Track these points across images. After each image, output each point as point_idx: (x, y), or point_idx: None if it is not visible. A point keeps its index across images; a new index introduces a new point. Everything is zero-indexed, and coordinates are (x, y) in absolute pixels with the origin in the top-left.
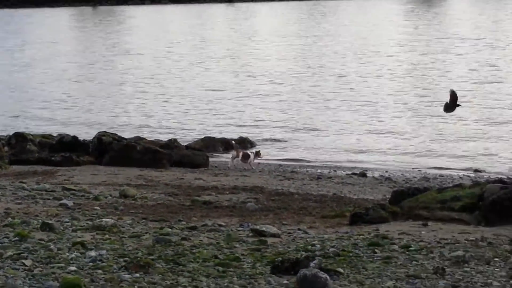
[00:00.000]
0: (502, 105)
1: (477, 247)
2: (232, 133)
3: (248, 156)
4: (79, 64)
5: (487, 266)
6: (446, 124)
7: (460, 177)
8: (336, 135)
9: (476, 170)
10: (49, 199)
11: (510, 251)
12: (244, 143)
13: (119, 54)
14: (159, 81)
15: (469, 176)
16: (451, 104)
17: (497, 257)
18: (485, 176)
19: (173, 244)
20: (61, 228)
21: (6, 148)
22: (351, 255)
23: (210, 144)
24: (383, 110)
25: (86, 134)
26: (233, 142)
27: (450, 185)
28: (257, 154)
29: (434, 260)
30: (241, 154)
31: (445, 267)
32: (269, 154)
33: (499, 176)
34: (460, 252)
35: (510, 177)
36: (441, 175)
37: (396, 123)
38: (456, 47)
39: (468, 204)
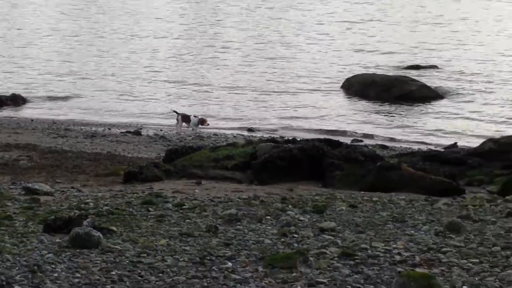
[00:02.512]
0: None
1: (249, 205)
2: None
3: (189, 119)
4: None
5: (259, 224)
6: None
7: (234, 136)
8: (111, 99)
9: (249, 129)
10: None
11: (281, 209)
12: (16, 99)
13: None
14: None
15: (242, 135)
16: None
17: (269, 215)
18: (257, 135)
19: None
20: None
21: None
22: (124, 213)
23: None
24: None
25: None
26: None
27: (224, 144)
28: (203, 121)
29: (208, 218)
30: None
31: (218, 225)
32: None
33: (271, 135)
34: (233, 210)
35: (282, 136)
36: (215, 134)
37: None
38: None
39: (241, 163)
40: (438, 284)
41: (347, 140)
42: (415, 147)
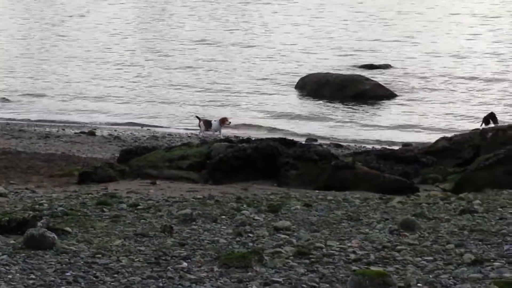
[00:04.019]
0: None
1: (204, 205)
2: None
3: (210, 124)
4: None
5: (214, 223)
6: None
7: (189, 136)
8: (66, 97)
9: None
10: None
11: (236, 209)
12: None
13: None
14: None
15: (196, 135)
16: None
17: (224, 215)
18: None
19: None
20: None
21: None
22: (79, 214)
23: None
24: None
25: None
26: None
27: (179, 143)
28: (223, 121)
29: (162, 219)
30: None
31: (173, 225)
32: None
33: (226, 135)
34: (188, 210)
35: (236, 136)
36: (169, 134)
37: (125, 85)
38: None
39: (195, 163)
40: (392, 282)
41: (301, 139)
42: (369, 146)
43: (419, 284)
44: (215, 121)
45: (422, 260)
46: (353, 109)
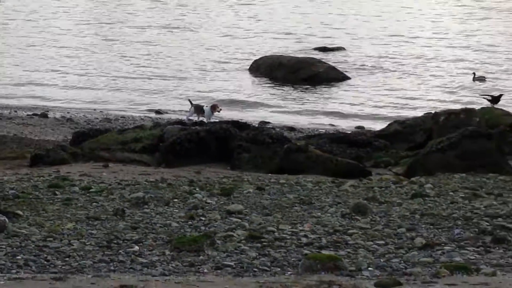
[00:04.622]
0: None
1: (157, 188)
2: None
3: (202, 109)
4: None
5: (166, 207)
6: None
7: (142, 119)
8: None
9: (157, 112)
10: None
11: (188, 192)
12: None
13: None
14: None
15: (150, 117)
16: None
17: (176, 198)
18: (165, 118)
19: None
20: None
21: None
22: (31, 197)
23: None
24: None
25: None
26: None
27: (132, 126)
28: (214, 107)
29: (115, 202)
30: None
31: (125, 209)
32: None
33: (179, 118)
34: (140, 194)
35: (190, 118)
36: (122, 117)
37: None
38: None
39: (148, 146)
40: (344, 266)
41: (254, 122)
42: (322, 129)
43: (370, 268)
44: (206, 106)
45: (374, 244)
46: (306, 91)
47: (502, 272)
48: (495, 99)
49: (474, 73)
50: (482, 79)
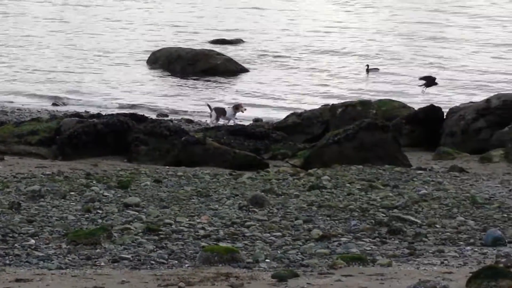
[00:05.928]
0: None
1: (53, 181)
2: None
3: (224, 111)
4: None
5: (63, 200)
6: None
7: (38, 111)
8: None
9: (54, 104)
10: None
11: (85, 185)
12: None
13: None
14: None
15: (47, 110)
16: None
17: (73, 191)
18: (62, 110)
19: None
20: None
21: None
22: None
23: None
24: None
25: None
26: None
27: (28, 119)
28: (237, 107)
29: (11, 195)
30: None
31: (21, 202)
32: None
33: (76, 110)
34: (36, 187)
35: (87, 111)
36: (19, 109)
37: None
38: None
39: (45, 138)
40: (241, 258)
41: (152, 114)
42: (220, 121)
43: (267, 260)
44: (228, 107)
45: (271, 236)
46: (204, 84)
47: (398, 263)
48: (429, 82)
49: (367, 65)
50: (375, 70)
